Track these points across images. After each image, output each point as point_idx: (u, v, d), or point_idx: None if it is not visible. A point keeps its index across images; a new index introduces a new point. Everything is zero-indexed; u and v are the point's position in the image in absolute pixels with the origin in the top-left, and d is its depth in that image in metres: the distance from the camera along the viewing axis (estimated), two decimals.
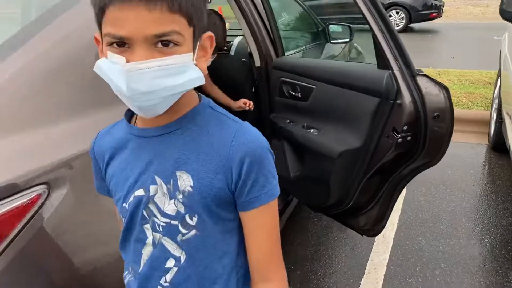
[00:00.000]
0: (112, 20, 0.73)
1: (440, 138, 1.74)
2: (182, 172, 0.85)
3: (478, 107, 5.11)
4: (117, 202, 0.94)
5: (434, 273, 2.52)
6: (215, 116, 0.90)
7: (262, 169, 0.86)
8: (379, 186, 2.02)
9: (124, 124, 0.93)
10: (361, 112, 1.85)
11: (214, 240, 0.90)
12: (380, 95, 1.74)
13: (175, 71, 0.77)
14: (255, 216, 0.89)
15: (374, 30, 1.69)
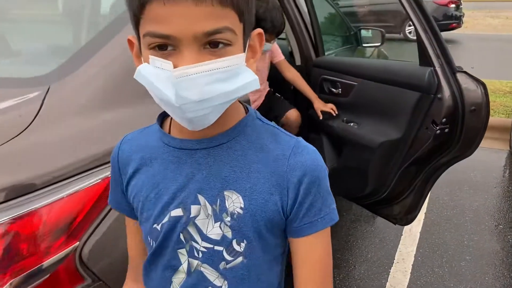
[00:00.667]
0: (154, 18, 0.63)
1: (476, 131, 1.90)
2: (231, 192, 0.75)
3: (499, 114, 5.24)
4: (144, 222, 0.82)
5: (460, 264, 2.66)
6: (266, 130, 0.80)
7: (321, 190, 0.77)
8: (414, 176, 2.18)
9: (156, 131, 0.82)
10: (402, 106, 2.02)
11: (261, 269, 0.81)
12: (421, 89, 1.91)
13: (228, 75, 0.66)
14: (309, 243, 0.79)
15: (419, 30, 1.86)
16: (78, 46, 1.52)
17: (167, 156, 0.78)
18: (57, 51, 1.68)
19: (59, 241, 1.05)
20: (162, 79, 0.65)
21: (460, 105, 1.85)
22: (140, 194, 0.81)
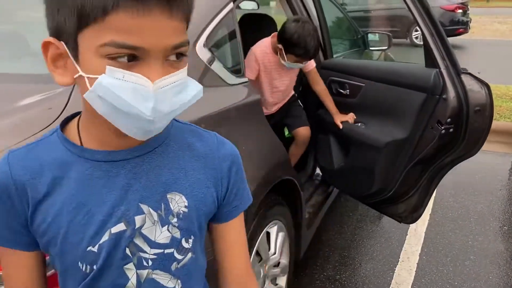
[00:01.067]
0: (121, 28, 0.60)
1: (480, 131, 1.96)
2: (174, 194, 0.76)
3: (505, 119, 5.28)
4: (70, 249, 0.72)
5: (464, 263, 2.71)
6: (187, 129, 0.83)
7: (242, 175, 0.85)
8: (420, 175, 2.24)
9: (56, 143, 0.74)
10: (408, 106, 2.08)
11: (202, 258, 0.84)
12: (427, 90, 1.97)
13: (183, 86, 0.68)
14: (236, 226, 0.86)
15: (425, 33, 1.93)
16: None
17: (89, 172, 0.72)
18: None
19: None
20: (130, 91, 0.62)
21: (465, 106, 1.91)
22: (60, 220, 0.71)
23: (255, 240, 1.80)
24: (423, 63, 2.05)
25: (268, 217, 1.88)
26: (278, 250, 2.04)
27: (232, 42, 1.89)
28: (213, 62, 1.68)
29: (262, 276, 1.92)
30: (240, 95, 1.78)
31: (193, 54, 1.59)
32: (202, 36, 1.66)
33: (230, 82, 1.75)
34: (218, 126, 1.59)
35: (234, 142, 1.63)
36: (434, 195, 3.58)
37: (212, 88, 1.66)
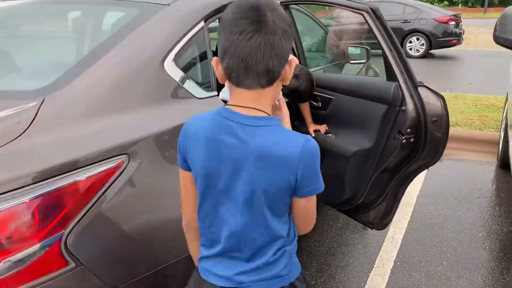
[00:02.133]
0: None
1: (438, 140, 2.06)
2: None
3: (490, 128, 5.38)
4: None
5: (437, 269, 2.80)
6: None
7: None
8: (387, 183, 2.34)
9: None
10: (372, 118, 2.19)
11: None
12: (388, 102, 2.09)
13: None
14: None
15: (385, 49, 2.04)
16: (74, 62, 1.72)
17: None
18: (56, 66, 1.88)
19: (46, 229, 1.23)
20: None
21: (423, 117, 2.02)
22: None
23: None
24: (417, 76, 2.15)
25: None
26: None
27: (202, 59, 2.00)
28: (182, 77, 1.80)
29: None
30: (208, 107, 1.88)
31: (161, 70, 1.71)
32: (171, 53, 1.78)
33: (198, 96, 1.86)
34: None
35: None
36: (414, 203, 3.68)
37: (180, 101, 1.78)
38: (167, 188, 1.59)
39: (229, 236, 1.15)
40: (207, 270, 1.21)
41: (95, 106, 1.48)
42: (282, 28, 1.02)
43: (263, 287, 1.17)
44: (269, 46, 1.00)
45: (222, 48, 1.04)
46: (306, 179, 1.09)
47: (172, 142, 1.64)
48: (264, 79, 1.04)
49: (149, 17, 1.86)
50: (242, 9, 1.01)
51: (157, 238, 1.54)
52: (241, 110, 1.07)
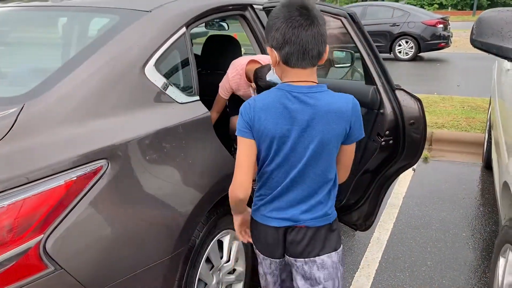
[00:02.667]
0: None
1: (416, 142, 2.10)
2: None
3: (476, 130, 5.45)
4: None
5: (421, 269, 2.84)
6: None
7: None
8: (368, 184, 2.38)
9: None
10: None
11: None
12: (367, 106, 2.12)
13: None
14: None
15: (363, 54, 2.09)
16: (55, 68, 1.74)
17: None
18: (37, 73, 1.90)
19: (25, 233, 1.25)
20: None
21: (400, 119, 2.06)
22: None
23: (205, 248, 1.92)
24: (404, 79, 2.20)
25: (219, 226, 2.01)
26: (232, 258, 2.16)
27: (184, 64, 2.03)
28: (163, 82, 1.82)
29: (214, 282, 2.03)
30: (190, 112, 1.92)
31: (141, 75, 1.74)
32: (152, 58, 1.81)
33: (180, 101, 1.89)
34: (167, 142, 1.73)
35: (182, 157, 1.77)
36: (400, 204, 3.73)
37: (161, 106, 1.80)
38: (147, 193, 1.61)
39: (291, 183, 1.49)
40: (267, 216, 1.56)
41: (75, 112, 1.50)
42: (324, 21, 1.40)
43: (315, 224, 1.53)
44: (320, 35, 1.37)
45: (282, 39, 1.37)
46: (355, 127, 1.47)
47: (153, 146, 1.67)
48: (316, 60, 1.41)
49: (130, 23, 1.89)
50: (295, 9, 1.36)
51: (137, 242, 1.56)
52: (301, 83, 1.42)
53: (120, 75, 1.69)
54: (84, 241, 1.41)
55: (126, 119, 1.63)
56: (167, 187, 1.69)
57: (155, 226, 1.62)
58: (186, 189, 1.77)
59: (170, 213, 1.68)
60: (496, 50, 2.16)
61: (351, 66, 3.77)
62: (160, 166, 1.68)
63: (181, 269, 1.78)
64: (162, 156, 1.70)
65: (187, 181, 1.78)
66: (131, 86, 1.71)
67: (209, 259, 2.00)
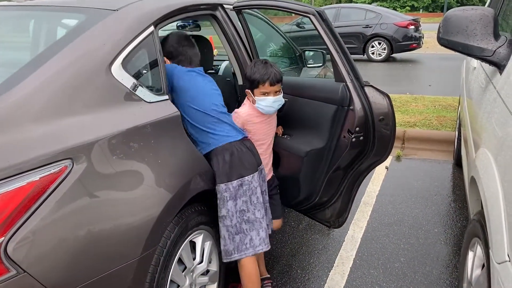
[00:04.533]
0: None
1: (386, 138, 2.12)
2: None
3: (447, 128, 5.55)
4: None
5: (394, 265, 2.87)
6: None
7: None
8: (340, 181, 2.39)
9: None
10: (323, 118, 2.24)
11: None
12: (337, 103, 2.14)
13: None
14: None
15: (332, 51, 2.10)
16: (17, 68, 1.69)
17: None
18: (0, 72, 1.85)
19: None
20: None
21: (370, 115, 2.07)
22: None
23: (177, 249, 1.89)
24: (377, 80, 2.22)
25: (191, 227, 1.99)
26: (206, 259, 2.14)
27: (152, 63, 2.00)
28: (130, 81, 1.79)
29: (188, 284, 2.01)
30: (158, 111, 1.89)
31: (107, 74, 1.70)
32: (118, 57, 1.78)
33: (148, 100, 1.86)
34: (134, 142, 1.70)
35: (151, 157, 1.74)
36: (373, 203, 3.76)
37: (129, 105, 1.77)
38: (114, 193, 1.58)
39: None
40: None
41: (39, 111, 1.46)
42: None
43: None
44: None
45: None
46: None
47: (120, 146, 1.64)
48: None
49: (96, 22, 1.85)
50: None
51: (104, 244, 1.52)
52: None
53: (85, 74, 1.65)
54: (48, 244, 1.37)
55: (92, 118, 1.60)
56: (135, 187, 1.66)
57: (123, 227, 1.59)
58: (155, 189, 1.74)
59: (138, 213, 1.65)
60: (461, 48, 2.20)
61: (323, 65, 3.80)
62: (128, 166, 1.65)
63: (152, 270, 1.75)
64: (129, 156, 1.67)
65: (156, 181, 1.75)
66: (97, 85, 1.67)
67: (181, 260, 1.97)
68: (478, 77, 2.80)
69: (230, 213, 2.12)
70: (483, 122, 2.07)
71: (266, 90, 2.26)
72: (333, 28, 2.09)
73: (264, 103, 2.27)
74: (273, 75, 2.25)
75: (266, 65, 2.30)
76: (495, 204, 1.48)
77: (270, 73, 2.26)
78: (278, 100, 2.30)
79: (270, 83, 2.25)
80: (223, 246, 2.17)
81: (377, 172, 4.42)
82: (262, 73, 2.26)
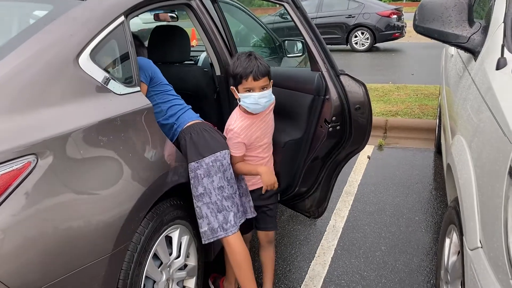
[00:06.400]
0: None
1: (363, 127, 2.11)
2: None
3: (428, 117, 5.57)
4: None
5: (375, 254, 2.87)
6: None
7: None
8: (319, 171, 2.37)
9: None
10: (301, 108, 2.21)
11: None
12: (313, 92, 2.11)
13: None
14: None
15: (306, 39, 2.07)
16: None
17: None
18: None
19: None
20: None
21: (346, 104, 2.05)
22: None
23: (152, 244, 1.86)
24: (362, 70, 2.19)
25: (166, 221, 1.95)
26: (183, 253, 2.11)
27: (123, 54, 1.95)
28: (99, 73, 1.74)
29: (164, 279, 1.97)
30: (129, 103, 1.84)
31: (75, 66, 1.65)
32: (86, 48, 1.73)
33: (118, 92, 1.81)
34: (103, 135, 1.65)
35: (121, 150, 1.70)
36: (355, 192, 3.77)
37: (97, 97, 1.72)
38: (83, 189, 1.54)
39: None
40: None
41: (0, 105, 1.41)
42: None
43: None
44: None
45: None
46: None
47: (88, 140, 1.59)
48: None
49: (63, 12, 1.79)
50: None
51: (71, 241, 1.48)
52: None
53: (50, 66, 1.60)
54: (12, 243, 1.32)
55: (58, 112, 1.55)
56: (105, 182, 1.62)
57: (92, 223, 1.55)
58: (126, 183, 1.70)
59: (109, 209, 1.61)
60: (437, 34, 2.19)
61: (303, 55, 3.77)
62: (97, 161, 1.61)
63: (125, 267, 1.71)
64: (98, 150, 1.63)
65: (127, 175, 1.71)
66: (63, 78, 1.62)
67: (157, 256, 1.94)
68: (455, 65, 2.80)
69: (207, 190, 2.03)
70: (459, 109, 2.07)
71: (250, 85, 2.03)
72: (308, 16, 2.06)
73: (249, 100, 2.05)
74: (257, 68, 2.01)
75: (249, 57, 2.07)
76: (468, 191, 1.47)
77: (253, 66, 2.01)
78: (265, 96, 2.05)
79: (254, 77, 2.01)
80: (207, 225, 2.05)
81: (359, 162, 4.42)
82: (245, 66, 2.03)
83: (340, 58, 11.35)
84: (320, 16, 12.69)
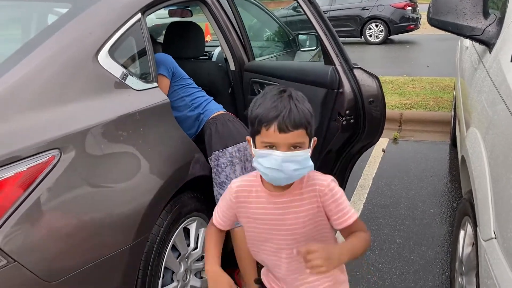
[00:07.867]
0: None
1: (377, 120, 2.12)
2: None
3: (443, 109, 5.53)
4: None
5: (390, 246, 2.89)
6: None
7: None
8: (333, 164, 2.39)
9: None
10: (314, 102, 2.22)
11: None
12: (327, 86, 2.13)
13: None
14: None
15: (320, 33, 2.08)
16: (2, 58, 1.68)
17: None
18: None
19: None
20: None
21: (359, 98, 2.07)
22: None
23: (170, 236, 1.91)
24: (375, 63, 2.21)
25: (184, 214, 2.00)
26: (200, 245, 2.15)
27: (141, 50, 1.99)
28: (118, 69, 1.79)
29: (182, 270, 2.03)
30: (147, 99, 1.89)
31: (94, 63, 1.70)
32: (105, 45, 1.77)
33: (136, 88, 1.86)
34: (123, 130, 1.70)
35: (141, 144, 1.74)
36: (370, 185, 3.78)
37: (117, 94, 1.77)
38: (104, 182, 1.59)
39: None
40: None
41: (25, 102, 1.47)
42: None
43: None
44: None
45: None
46: None
47: (109, 134, 1.65)
48: None
49: (81, 11, 1.84)
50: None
51: (94, 232, 1.54)
52: None
53: (71, 64, 1.65)
54: (38, 233, 1.38)
55: (79, 107, 1.60)
56: (125, 176, 1.67)
57: (114, 215, 1.60)
58: (145, 176, 1.75)
59: (129, 201, 1.66)
60: (451, 27, 2.19)
61: (317, 49, 3.78)
62: (117, 155, 1.66)
63: (145, 257, 1.76)
64: (119, 144, 1.68)
65: (146, 168, 1.76)
66: (83, 74, 1.67)
67: (175, 247, 1.99)
68: (470, 57, 2.79)
69: (229, 178, 2.07)
70: (473, 102, 2.07)
71: (271, 139, 1.22)
72: (320, 10, 2.08)
73: (266, 162, 1.24)
74: (287, 113, 1.21)
75: (280, 95, 1.26)
76: (482, 183, 1.49)
77: (282, 108, 1.21)
78: (295, 159, 1.23)
79: (279, 127, 1.20)
80: None
81: (374, 155, 4.42)
82: (268, 107, 1.22)
83: (354, 50, 11.28)
84: (334, 9, 12.62)
